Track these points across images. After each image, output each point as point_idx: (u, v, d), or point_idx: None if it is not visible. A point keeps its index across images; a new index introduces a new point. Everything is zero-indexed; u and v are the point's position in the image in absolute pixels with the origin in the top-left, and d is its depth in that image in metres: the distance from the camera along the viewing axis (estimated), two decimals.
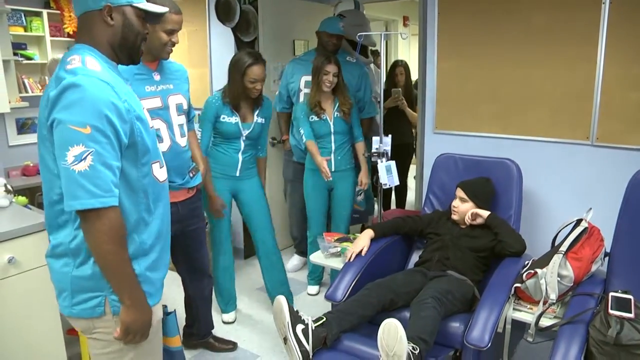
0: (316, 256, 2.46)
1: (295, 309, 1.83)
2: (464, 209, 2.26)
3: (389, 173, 2.66)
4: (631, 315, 1.56)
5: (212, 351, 2.54)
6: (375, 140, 2.74)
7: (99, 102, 1.16)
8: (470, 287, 2.05)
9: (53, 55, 3.90)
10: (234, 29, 3.45)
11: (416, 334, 1.71)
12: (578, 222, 1.98)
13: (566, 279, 1.83)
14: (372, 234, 2.29)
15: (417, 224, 2.38)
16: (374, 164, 2.82)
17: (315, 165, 2.77)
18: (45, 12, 3.88)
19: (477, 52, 2.55)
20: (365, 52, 3.60)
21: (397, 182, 2.71)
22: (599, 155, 2.31)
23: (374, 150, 2.73)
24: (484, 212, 2.20)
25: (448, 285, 1.98)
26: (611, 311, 1.57)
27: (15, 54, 3.67)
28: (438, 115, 2.75)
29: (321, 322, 1.84)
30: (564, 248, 1.88)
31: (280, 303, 1.82)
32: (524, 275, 1.88)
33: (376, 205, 3.35)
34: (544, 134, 2.44)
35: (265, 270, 2.77)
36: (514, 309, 1.86)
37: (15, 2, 3.65)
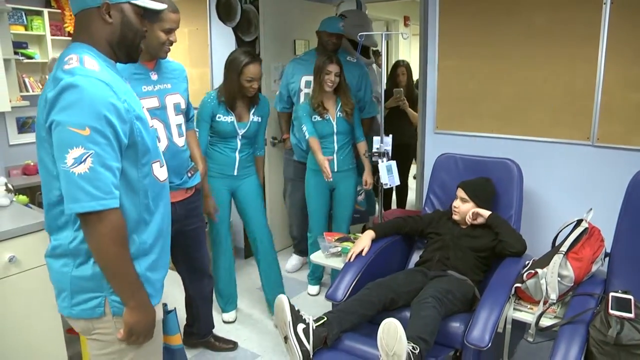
0: (317, 256, 2.46)
1: (296, 308, 1.82)
2: (464, 209, 2.26)
3: (389, 173, 2.66)
4: (631, 315, 1.56)
5: (212, 350, 2.54)
6: (376, 140, 2.74)
7: (97, 103, 1.14)
8: (471, 287, 2.05)
9: (54, 54, 3.90)
10: (235, 28, 3.46)
11: (416, 334, 1.71)
12: (578, 222, 1.98)
13: (566, 279, 1.83)
14: (373, 235, 2.29)
15: (417, 223, 2.38)
16: (374, 164, 2.82)
17: (317, 165, 2.75)
18: (46, 11, 3.88)
19: (478, 53, 2.56)
20: (367, 52, 3.59)
21: (397, 182, 2.71)
22: (600, 155, 2.31)
23: (374, 150, 2.73)
24: (485, 211, 2.20)
25: (448, 285, 1.98)
26: (611, 311, 1.58)
27: (16, 53, 3.67)
28: (439, 115, 2.75)
29: (322, 321, 1.84)
30: (564, 248, 1.88)
31: (282, 302, 1.81)
32: (525, 275, 1.88)
33: (377, 205, 3.35)
34: (545, 135, 2.45)
35: (262, 270, 2.76)
36: (515, 309, 1.86)
37: (16, 1, 3.65)
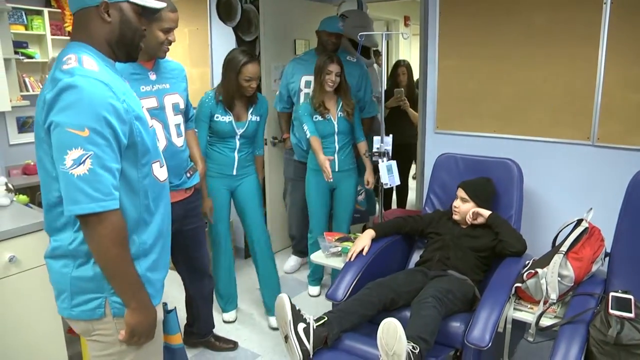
0: (317, 256, 2.46)
1: (297, 308, 1.82)
2: (465, 209, 2.26)
3: (390, 173, 2.66)
4: (631, 315, 1.56)
5: (212, 350, 2.54)
6: (377, 139, 2.73)
7: (96, 104, 1.13)
8: (471, 286, 2.05)
9: (54, 54, 3.90)
10: (235, 28, 3.46)
11: (416, 334, 1.71)
12: (579, 222, 1.98)
13: (567, 278, 1.83)
14: (373, 234, 2.29)
15: (418, 223, 2.38)
16: (374, 164, 2.82)
17: (317, 165, 2.75)
18: (46, 10, 3.89)
19: (478, 53, 2.56)
20: (367, 53, 3.58)
21: (398, 181, 2.71)
22: (600, 155, 2.31)
23: (375, 149, 2.73)
24: (485, 211, 2.20)
25: (449, 284, 1.98)
26: (611, 311, 1.58)
27: (16, 53, 3.67)
28: (439, 115, 2.75)
29: (322, 321, 1.84)
30: (564, 248, 1.88)
31: (283, 301, 1.81)
32: (525, 275, 1.88)
33: (377, 205, 3.35)
34: (545, 134, 2.45)
35: (260, 271, 2.74)
36: (515, 309, 1.86)
37: (16, 0, 3.65)
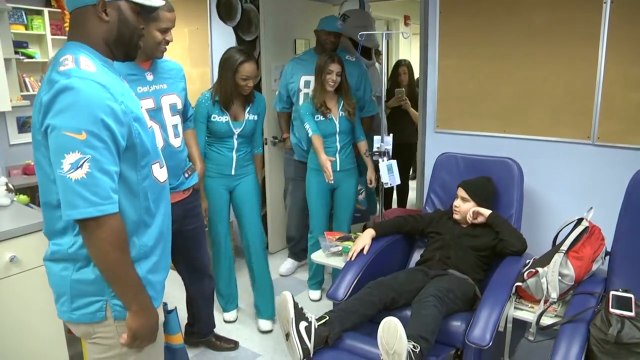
0: (318, 255, 2.46)
1: (300, 306, 1.82)
2: (465, 208, 2.26)
3: (390, 172, 2.66)
4: (632, 314, 1.56)
5: (213, 350, 2.54)
6: (377, 139, 2.73)
7: (94, 106, 1.11)
8: (472, 286, 2.05)
9: (54, 53, 3.89)
10: (235, 28, 3.46)
11: (417, 333, 1.71)
12: (579, 221, 1.98)
13: (567, 277, 1.83)
14: (373, 233, 2.29)
15: (418, 223, 2.38)
16: (375, 163, 2.81)
17: (318, 165, 2.74)
18: (46, 10, 3.89)
19: (478, 52, 2.56)
20: (369, 53, 3.57)
21: (398, 181, 2.70)
22: (600, 154, 2.31)
23: (375, 149, 2.73)
24: (486, 210, 2.20)
25: (449, 284, 1.98)
26: (612, 310, 1.58)
27: (17, 53, 3.68)
28: (439, 114, 2.75)
29: (324, 320, 1.84)
30: (565, 247, 1.88)
31: (286, 299, 1.81)
32: (525, 274, 1.88)
33: (378, 205, 3.34)
34: (545, 134, 2.45)
35: (253, 273, 2.73)
36: (515, 308, 1.86)
37: (17, 0, 3.65)
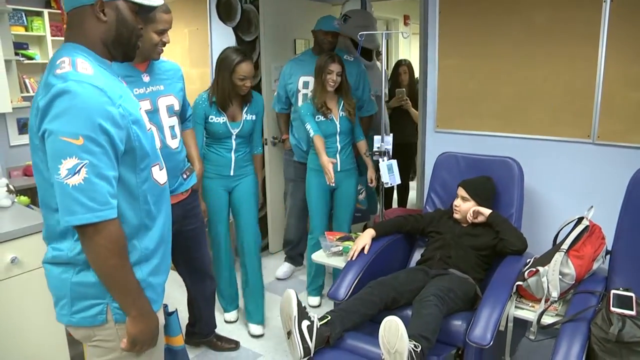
0: (318, 255, 2.47)
1: (303, 305, 1.82)
2: (465, 208, 2.26)
3: (390, 172, 2.66)
4: (633, 313, 1.56)
5: (214, 350, 2.55)
6: (377, 139, 2.73)
7: (91, 110, 1.09)
8: (472, 285, 2.06)
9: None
10: (235, 28, 3.46)
11: (418, 332, 1.71)
12: (579, 220, 1.98)
13: (568, 276, 1.84)
14: (373, 233, 2.29)
15: (418, 222, 2.38)
16: (375, 163, 2.81)
17: (319, 166, 2.74)
18: (46, 11, 3.90)
19: (478, 52, 2.56)
20: (370, 54, 3.56)
21: (398, 181, 2.70)
22: (600, 153, 2.31)
23: (375, 149, 2.73)
24: (486, 210, 2.20)
25: (450, 283, 1.98)
26: (613, 309, 1.58)
27: (17, 54, 3.69)
28: (439, 114, 2.75)
29: (325, 320, 1.84)
30: (565, 246, 1.88)
31: (290, 296, 1.81)
32: (526, 274, 1.88)
33: (378, 204, 3.34)
34: (545, 133, 2.45)
35: (245, 274, 2.70)
36: (516, 307, 1.86)
37: (17, 1, 3.66)
